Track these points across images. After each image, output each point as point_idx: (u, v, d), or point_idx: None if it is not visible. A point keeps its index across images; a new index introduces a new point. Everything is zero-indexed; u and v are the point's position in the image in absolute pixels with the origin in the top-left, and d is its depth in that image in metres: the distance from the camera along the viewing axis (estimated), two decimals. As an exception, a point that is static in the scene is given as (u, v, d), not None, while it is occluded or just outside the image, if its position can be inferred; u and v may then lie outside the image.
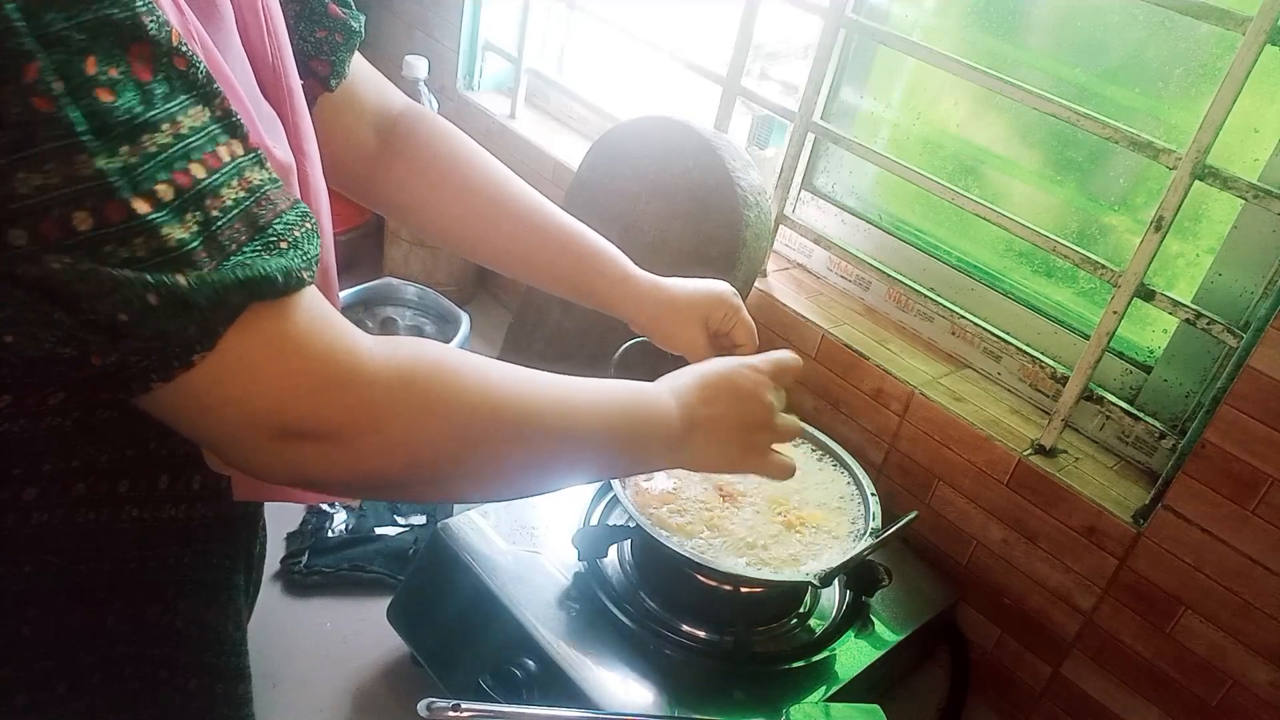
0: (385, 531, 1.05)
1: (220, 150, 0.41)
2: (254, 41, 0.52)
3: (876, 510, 0.86)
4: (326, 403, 0.45)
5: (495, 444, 0.52)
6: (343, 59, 0.66)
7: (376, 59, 0.74)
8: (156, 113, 0.38)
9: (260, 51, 0.53)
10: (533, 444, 0.54)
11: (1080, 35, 0.99)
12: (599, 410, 0.59)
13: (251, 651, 0.64)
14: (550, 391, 0.56)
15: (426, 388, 0.49)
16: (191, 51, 0.40)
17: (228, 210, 0.40)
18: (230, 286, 0.40)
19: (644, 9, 1.36)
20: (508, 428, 0.53)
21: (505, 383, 0.54)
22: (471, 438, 0.51)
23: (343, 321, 0.47)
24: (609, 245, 0.77)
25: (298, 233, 0.44)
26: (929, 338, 1.13)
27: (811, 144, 1.19)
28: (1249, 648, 0.83)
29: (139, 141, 0.37)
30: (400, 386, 0.48)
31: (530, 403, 0.54)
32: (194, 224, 0.39)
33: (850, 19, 1.08)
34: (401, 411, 0.47)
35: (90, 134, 0.36)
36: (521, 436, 0.54)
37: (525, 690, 0.78)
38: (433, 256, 1.45)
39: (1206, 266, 0.91)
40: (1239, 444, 0.80)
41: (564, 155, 1.39)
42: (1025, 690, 0.99)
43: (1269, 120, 0.86)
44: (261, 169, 0.43)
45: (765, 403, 0.67)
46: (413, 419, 0.48)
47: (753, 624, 0.84)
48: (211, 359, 0.41)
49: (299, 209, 0.45)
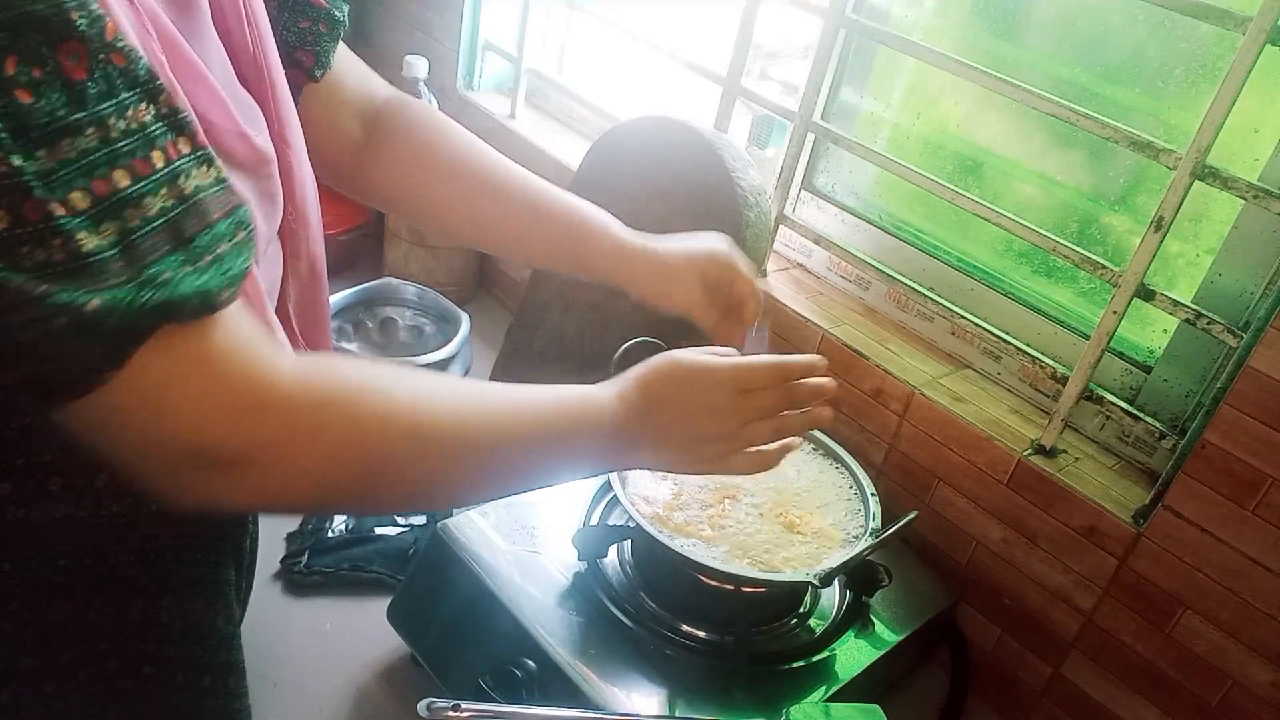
0: (385, 531, 1.05)
1: (155, 154, 0.39)
2: (232, 30, 0.52)
3: (876, 510, 0.86)
4: (240, 428, 0.43)
5: (414, 461, 0.51)
6: (327, 49, 0.66)
7: (376, 59, 0.74)
8: (83, 115, 0.37)
9: (240, 41, 0.53)
10: (455, 459, 0.53)
11: (1080, 35, 0.99)
12: (527, 421, 0.57)
13: (251, 652, 0.64)
14: (477, 403, 0.55)
15: (344, 410, 0.48)
16: (129, 46, 0.38)
17: (150, 220, 0.39)
18: (139, 309, 0.38)
19: (644, 9, 1.36)
20: (428, 445, 0.51)
21: (428, 398, 0.52)
22: (388, 457, 0.50)
23: (263, 340, 0.45)
24: (599, 214, 0.76)
25: (224, 247, 0.42)
26: (929, 338, 1.13)
27: (811, 144, 1.19)
28: (1249, 648, 0.83)
29: (57, 146, 0.36)
30: (317, 409, 0.46)
31: (453, 418, 0.53)
32: (111, 233, 0.38)
33: (850, 19, 1.08)
34: (317, 435, 0.46)
35: (7, 135, 0.35)
36: (443, 453, 0.52)
37: (525, 690, 0.78)
38: (433, 256, 1.45)
39: (1206, 266, 0.91)
40: (1239, 444, 0.80)
41: (564, 155, 1.39)
42: (1025, 690, 0.99)
43: (1269, 120, 0.86)
44: (205, 169, 0.42)
45: (722, 406, 0.63)
46: (328, 442, 0.47)
47: (753, 624, 0.84)
48: (121, 380, 0.39)
49: (235, 217, 0.43)
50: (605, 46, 1.50)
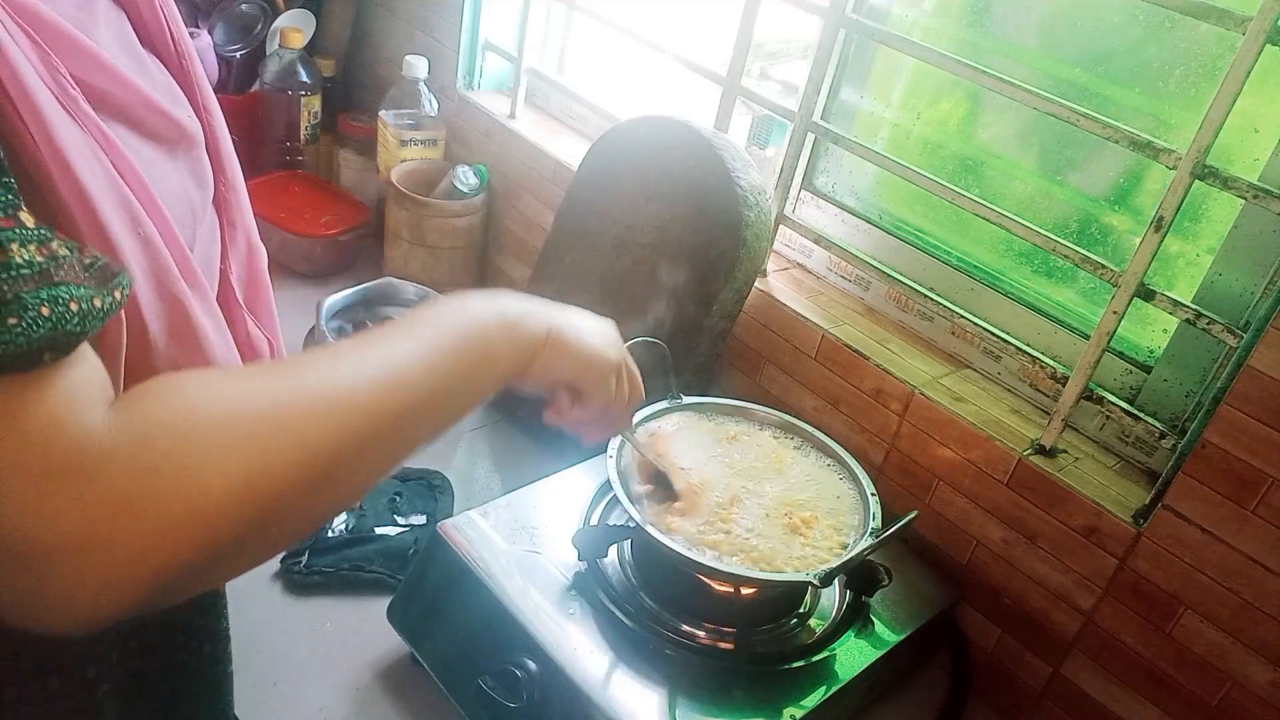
0: (385, 531, 1.05)
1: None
2: (140, 6, 0.52)
3: (876, 510, 0.86)
4: (49, 504, 0.35)
5: (297, 455, 0.42)
6: None
7: (376, 59, 0.74)
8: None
9: (148, 15, 0.53)
10: (348, 428, 0.44)
11: (1080, 35, 0.99)
12: (422, 353, 0.50)
13: (251, 652, 0.65)
14: (349, 361, 0.47)
15: (181, 436, 0.38)
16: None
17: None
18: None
19: (644, 9, 1.36)
20: (308, 427, 0.42)
21: (287, 380, 0.44)
22: (263, 467, 0.40)
23: (75, 393, 0.37)
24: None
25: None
26: (929, 338, 1.13)
27: (811, 144, 1.19)
28: (1249, 648, 0.83)
29: None
30: (143, 449, 0.37)
31: (324, 388, 0.44)
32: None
33: (850, 19, 1.08)
34: (153, 481, 0.37)
35: None
36: (331, 426, 0.43)
37: (525, 690, 0.78)
38: (433, 256, 1.45)
39: (1206, 266, 0.91)
40: (1239, 444, 0.80)
41: (564, 155, 1.39)
42: (1025, 690, 0.99)
43: (1269, 120, 0.86)
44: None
45: (610, 329, 0.68)
46: (173, 483, 0.37)
47: (753, 624, 0.84)
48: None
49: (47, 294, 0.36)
50: (605, 46, 1.50)
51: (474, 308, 0.56)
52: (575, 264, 1.21)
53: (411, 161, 1.50)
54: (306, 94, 1.59)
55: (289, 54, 1.57)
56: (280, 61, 1.58)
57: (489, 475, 1.19)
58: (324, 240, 1.50)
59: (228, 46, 1.61)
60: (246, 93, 1.65)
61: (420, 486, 1.13)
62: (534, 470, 1.01)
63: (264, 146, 1.63)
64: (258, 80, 1.62)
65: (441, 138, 1.53)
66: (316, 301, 1.28)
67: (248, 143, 1.61)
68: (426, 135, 1.51)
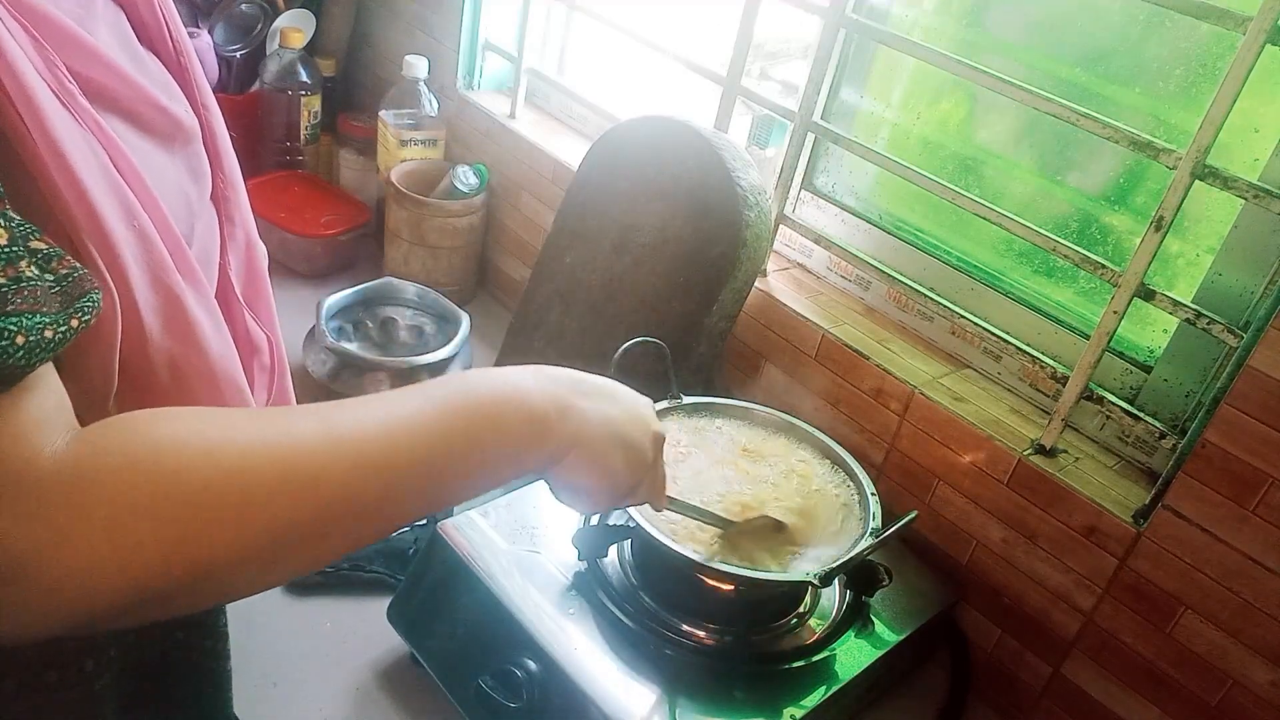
0: (385, 531, 1.06)
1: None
2: (140, 10, 0.53)
3: (876, 510, 0.86)
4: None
5: (246, 530, 0.39)
6: None
7: (376, 59, 0.74)
8: None
9: (146, 14, 0.53)
10: (313, 507, 0.41)
11: (1080, 35, 0.99)
12: (415, 426, 0.45)
13: (251, 651, 0.65)
14: (333, 423, 0.43)
15: (126, 484, 0.37)
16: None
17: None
18: None
19: (644, 9, 1.36)
20: (267, 500, 0.40)
21: (256, 432, 0.41)
22: (201, 535, 0.38)
23: (21, 423, 0.37)
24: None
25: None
26: (929, 338, 1.13)
27: (811, 144, 1.19)
28: (1249, 648, 0.83)
29: None
30: (82, 490, 0.36)
31: (298, 449, 0.41)
32: None
33: (850, 19, 1.08)
34: (83, 524, 0.36)
35: None
36: (293, 502, 0.40)
37: (525, 690, 0.78)
38: (433, 256, 1.45)
39: (1206, 266, 0.91)
40: (1239, 444, 0.80)
41: (564, 155, 1.39)
42: (1025, 690, 0.99)
43: (1269, 120, 0.86)
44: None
45: (646, 418, 0.60)
46: (103, 531, 0.36)
47: (753, 624, 0.84)
48: None
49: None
50: (605, 46, 1.50)
51: (500, 392, 0.50)
52: (575, 264, 1.21)
53: (411, 161, 1.50)
54: (306, 94, 1.59)
55: (289, 54, 1.57)
56: (280, 61, 1.58)
57: (489, 475, 1.19)
58: (324, 240, 1.50)
59: (228, 46, 1.61)
60: (246, 93, 1.65)
61: (420, 486, 1.12)
62: (534, 470, 1.01)
63: (264, 146, 1.63)
64: (258, 80, 1.62)
65: (441, 138, 1.53)
66: (316, 301, 1.28)
67: (248, 143, 1.61)
68: (426, 135, 1.51)
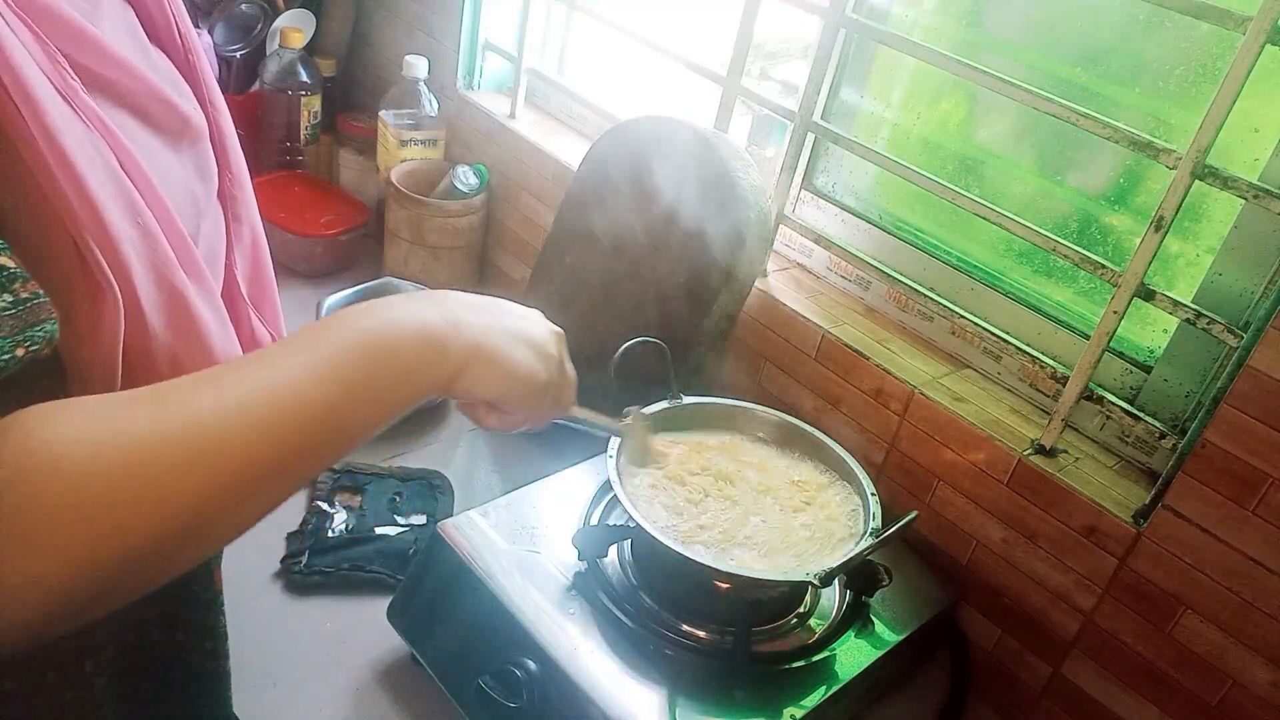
0: (385, 531, 1.05)
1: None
2: (149, 6, 0.53)
3: (876, 510, 0.86)
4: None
5: (155, 515, 0.39)
6: None
7: (376, 59, 0.74)
8: None
9: (159, 12, 0.53)
10: (218, 479, 0.41)
11: (1080, 35, 0.99)
12: (312, 377, 0.44)
13: (251, 651, 0.65)
14: (227, 392, 0.42)
15: (27, 495, 0.37)
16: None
17: None
18: None
19: (644, 9, 1.36)
20: (171, 481, 0.39)
21: (149, 418, 0.40)
22: (113, 530, 0.38)
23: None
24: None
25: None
26: (929, 338, 1.13)
27: (811, 144, 1.19)
28: (1249, 648, 0.83)
29: None
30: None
31: (196, 428, 0.41)
32: None
33: (850, 19, 1.08)
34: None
35: None
36: (197, 477, 0.40)
37: (525, 690, 0.78)
38: (433, 256, 1.45)
39: (1206, 266, 0.91)
40: (1239, 444, 0.80)
41: (564, 155, 1.39)
42: (1025, 690, 0.99)
43: (1269, 120, 0.86)
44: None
45: (539, 318, 0.63)
46: (11, 546, 0.36)
47: (753, 624, 0.84)
48: None
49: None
50: (605, 46, 1.50)
51: (387, 320, 0.49)
52: (575, 264, 1.21)
53: (411, 161, 1.50)
54: (306, 94, 1.59)
55: (289, 54, 1.57)
56: (280, 61, 1.58)
57: (489, 475, 1.19)
58: (324, 240, 1.50)
59: (228, 46, 1.61)
60: (246, 93, 1.65)
61: (420, 486, 1.13)
62: (534, 470, 1.01)
63: (264, 146, 1.63)
64: (258, 80, 1.62)
65: (441, 138, 1.53)
66: (316, 301, 1.28)
67: (248, 143, 1.60)
68: (426, 135, 1.51)
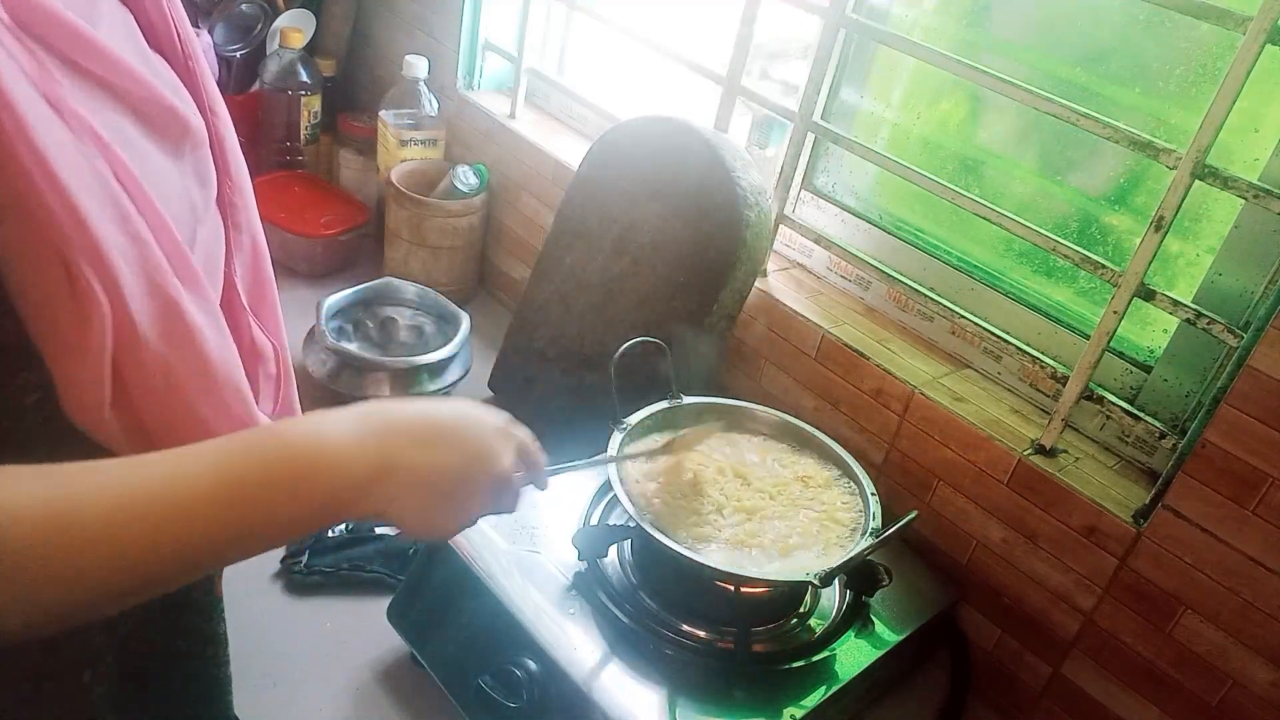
0: (385, 531, 1.05)
1: None
2: (148, 11, 0.53)
3: (876, 510, 0.86)
4: None
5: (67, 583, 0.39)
6: None
7: (376, 59, 0.74)
8: None
9: (155, 16, 0.53)
10: (115, 576, 0.40)
11: (1080, 35, 0.99)
12: (209, 511, 0.43)
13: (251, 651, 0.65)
14: (123, 505, 0.41)
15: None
16: None
17: None
18: None
19: (644, 9, 1.36)
20: (73, 565, 0.39)
21: (43, 501, 0.39)
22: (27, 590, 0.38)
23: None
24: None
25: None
26: (929, 338, 1.13)
27: (811, 144, 1.19)
28: (1249, 648, 0.83)
29: None
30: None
31: (85, 531, 0.39)
32: None
33: (850, 19, 1.08)
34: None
35: None
36: (91, 573, 0.40)
37: (525, 690, 0.78)
38: (433, 256, 1.45)
39: (1206, 266, 0.91)
40: (1239, 444, 0.80)
41: (564, 155, 1.39)
42: (1025, 690, 0.99)
43: (1269, 120, 0.86)
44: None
45: (499, 471, 0.55)
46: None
47: (753, 624, 0.84)
48: None
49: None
50: (605, 46, 1.50)
51: (300, 460, 0.46)
52: (575, 264, 1.21)
53: (411, 161, 1.50)
54: (306, 94, 1.59)
55: (289, 54, 1.57)
56: (280, 61, 1.58)
57: (489, 475, 1.19)
58: (324, 240, 1.50)
59: (228, 46, 1.61)
60: (246, 93, 1.65)
61: (420, 486, 1.12)
62: (534, 470, 1.01)
63: (264, 146, 1.63)
64: (258, 80, 1.62)
65: (441, 138, 1.53)
66: (316, 301, 1.28)
67: (248, 143, 1.61)
68: (426, 135, 1.51)
